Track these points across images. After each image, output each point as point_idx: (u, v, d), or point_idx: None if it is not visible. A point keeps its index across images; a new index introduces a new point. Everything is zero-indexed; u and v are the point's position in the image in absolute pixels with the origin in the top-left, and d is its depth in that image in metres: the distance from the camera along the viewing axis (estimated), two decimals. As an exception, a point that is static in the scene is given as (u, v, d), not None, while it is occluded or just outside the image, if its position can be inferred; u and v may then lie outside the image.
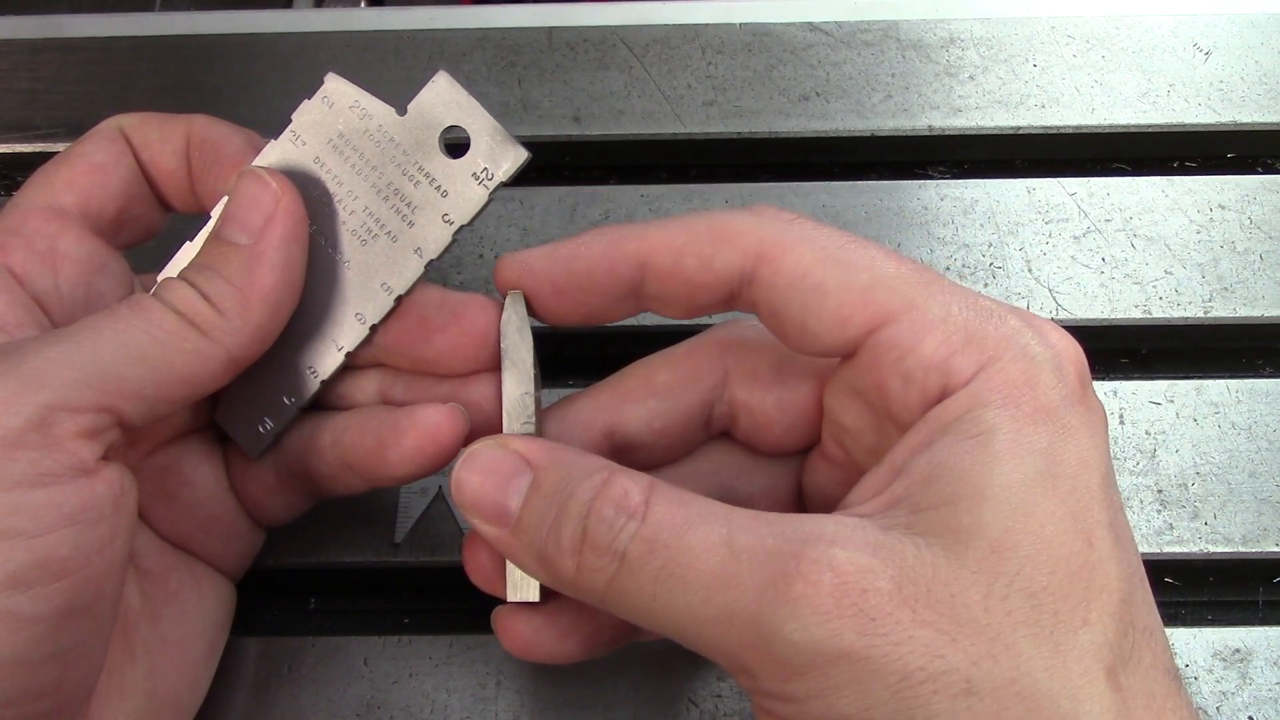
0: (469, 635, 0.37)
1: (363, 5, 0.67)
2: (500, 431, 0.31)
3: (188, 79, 0.47)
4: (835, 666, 0.25)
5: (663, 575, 0.26)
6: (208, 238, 0.32)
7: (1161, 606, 0.28)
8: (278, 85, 0.47)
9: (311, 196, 0.32)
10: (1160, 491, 0.39)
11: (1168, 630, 0.28)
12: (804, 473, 0.34)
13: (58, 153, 0.34)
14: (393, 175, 0.32)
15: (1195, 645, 0.37)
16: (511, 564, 0.31)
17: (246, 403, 0.34)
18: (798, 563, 0.25)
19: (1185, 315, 0.42)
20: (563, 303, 0.31)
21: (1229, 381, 0.41)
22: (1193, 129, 0.46)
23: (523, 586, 0.31)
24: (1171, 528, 0.38)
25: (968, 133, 0.46)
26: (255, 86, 0.47)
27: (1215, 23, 0.48)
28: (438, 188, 0.32)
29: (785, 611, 0.25)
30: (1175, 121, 0.46)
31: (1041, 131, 0.46)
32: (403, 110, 0.32)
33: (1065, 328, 0.29)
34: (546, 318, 0.32)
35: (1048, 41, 0.48)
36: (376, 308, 0.33)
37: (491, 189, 0.32)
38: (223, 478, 0.35)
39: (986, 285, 0.43)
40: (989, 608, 0.25)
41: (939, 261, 0.43)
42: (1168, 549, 0.38)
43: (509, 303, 0.32)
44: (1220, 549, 0.38)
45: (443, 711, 0.36)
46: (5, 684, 0.26)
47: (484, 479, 0.29)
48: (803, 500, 0.34)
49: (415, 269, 0.33)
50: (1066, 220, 0.44)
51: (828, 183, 0.45)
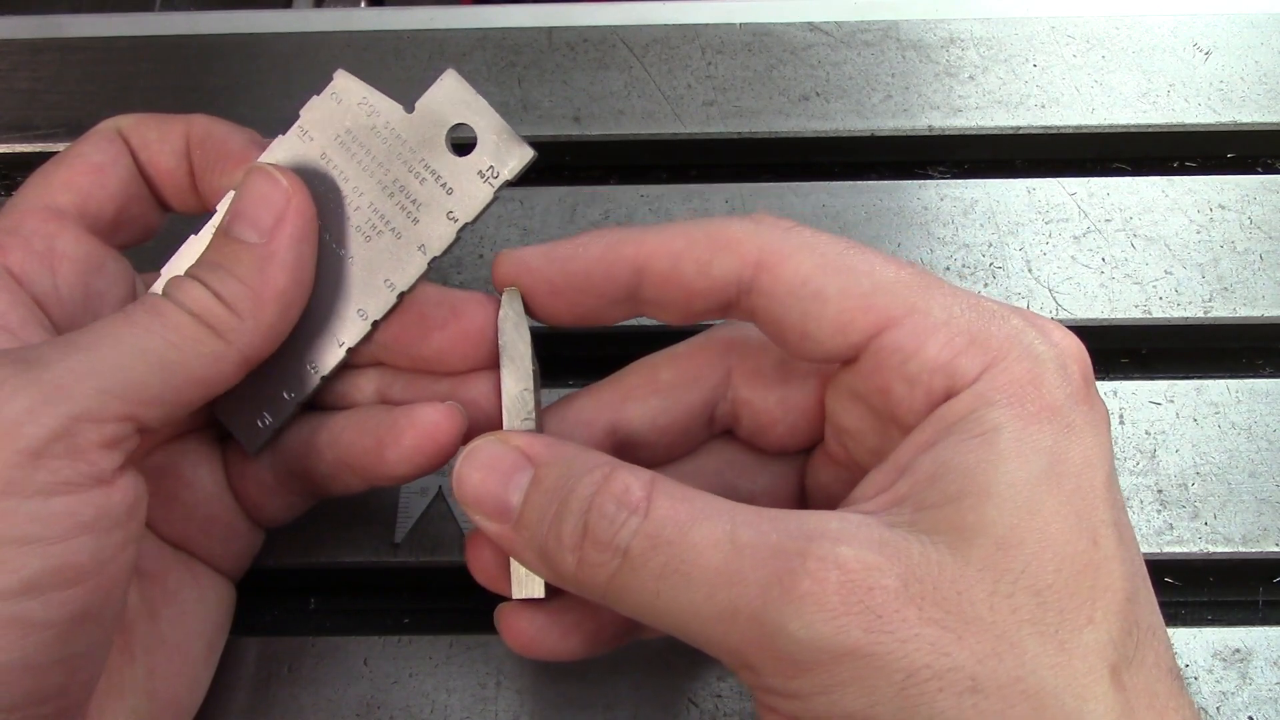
0: (469, 635, 0.37)
1: (363, 5, 0.67)
2: (500, 429, 0.31)
3: (188, 79, 0.47)
4: (840, 663, 0.25)
5: (666, 571, 0.26)
6: (216, 234, 0.31)
7: (1162, 606, 0.28)
8: (278, 85, 0.47)
9: (318, 193, 0.32)
10: (1160, 491, 0.39)
11: (1169, 630, 0.28)
12: (807, 471, 0.34)
13: (57, 153, 0.34)
14: (399, 172, 0.32)
15: (1195, 645, 0.37)
16: (515, 561, 0.31)
17: (246, 398, 0.33)
18: (803, 560, 0.25)
19: (1185, 315, 0.42)
20: (558, 302, 0.31)
21: (1229, 381, 0.41)
22: (1193, 129, 0.46)
23: (527, 583, 0.31)
24: (1171, 528, 0.38)
25: (968, 133, 0.46)
26: (255, 86, 0.47)
27: (1215, 23, 0.48)
28: (443, 185, 0.32)
29: (791, 609, 0.25)
30: (1175, 121, 0.46)
31: (1041, 131, 0.46)
32: (410, 108, 0.32)
33: (1066, 327, 0.29)
34: (542, 316, 0.32)
35: (1048, 41, 0.48)
36: (379, 304, 0.33)
37: (497, 187, 0.32)
38: (221, 478, 0.35)
39: (986, 285, 0.43)
40: (994, 605, 0.25)
41: (939, 261, 0.43)
42: (1168, 549, 0.38)
43: (506, 299, 0.32)
44: (1220, 549, 0.38)
45: (443, 711, 0.36)
46: (12, 688, 0.26)
47: (485, 475, 0.29)
48: (805, 499, 0.34)
49: (419, 266, 0.33)
50: (1066, 220, 0.44)
51: (828, 183, 0.45)
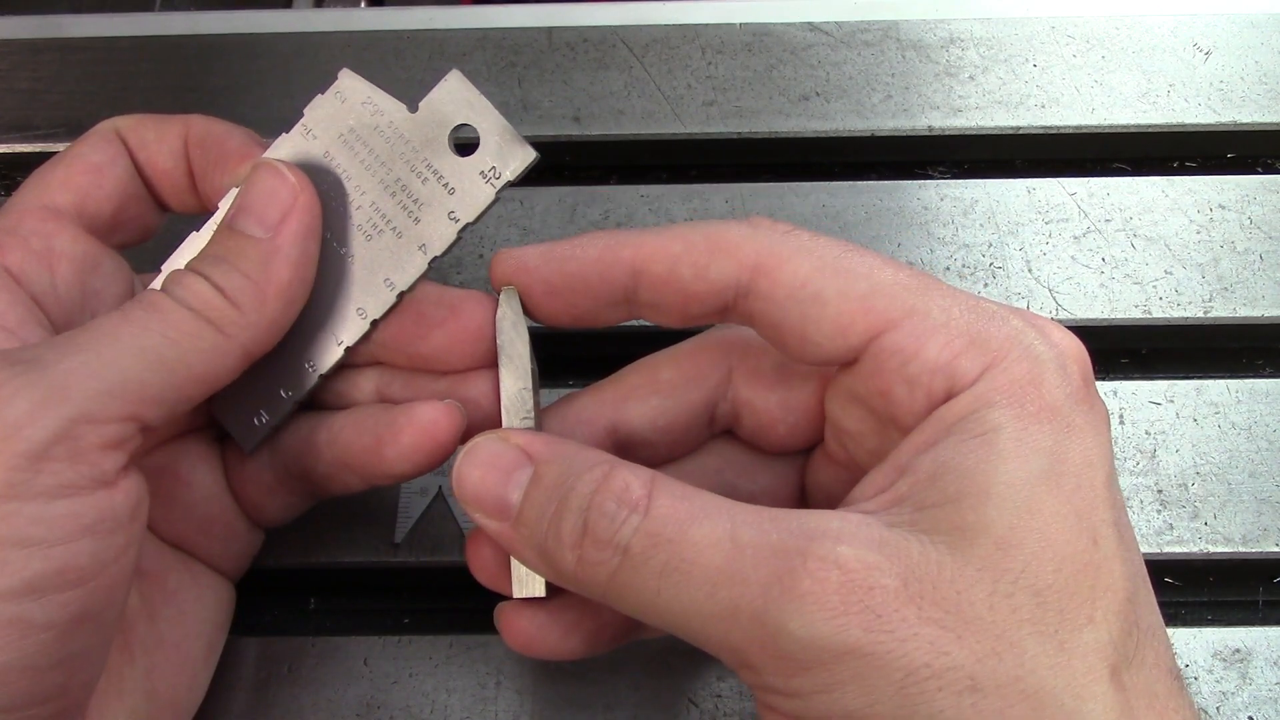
0: (469, 635, 0.37)
1: (363, 5, 0.67)
2: (499, 428, 0.31)
3: (188, 79, 0.47)
4: (841, 662, 0.25)
5: (666, 570, 0.26)
6: (220, 228, 0.31)
7: (1162, 606, 0.28)
8: (278, 85, 0.47)
9: (321, 190, 0.32)
10: (1160, 491, 0.39)
11: (1168, 630, 0.28)
12: (807, 471, 0.34)
13: (57, 153, 0.34)
14: (401, 171, 0.32)
15: (1195, 645, 0.37)
16: (516, 560, 0.31)
17: (243, 395, 0.33)
18: (804, 559, 0.25)
19: (1185, 315, 0.42)
20: (555, 303, 0.31)
21: (1229, 381, 0.41)
22: (1193, 129, 0.46)
23: (528, 582, 0.31)
24: (1171, 528, 0.38)
25: (968, 133, 0.46)
26: (255, 86, 0.47)
27: (1215, 23, 0.48)
28: (445, 185, 0.32)
29: (791, 608, 0.25)
30: (1175, 121, 0.46)
31: (1041, 131, 0.46)
32: (414, 107, 0.32)
33: (1066, 328, 0.29)
34: (539, 317, 0.32)
35: (1048, 41, 0.48)
36: (378, 303, 0.33)
37: (499, 188, 0.32)
38: (220, 478, 0.35)
39: (986, 285, 0.43)
40: (994, 605, 0.25)
41: (939, 262, 0.43)
42: (1168, 549, 0.38)
43: (503, 299, 0.32)
44: (1220, 549, 0.38)
45: (443, 711, 0.36)
46: (12, 689, 0.26)
47: (485, 473, 0.29)
48: (806, 498, 0.34)
49: (419, 265, 0.33)
50: (1066, 220, 0.44)
51: (827, 183, 0.45)
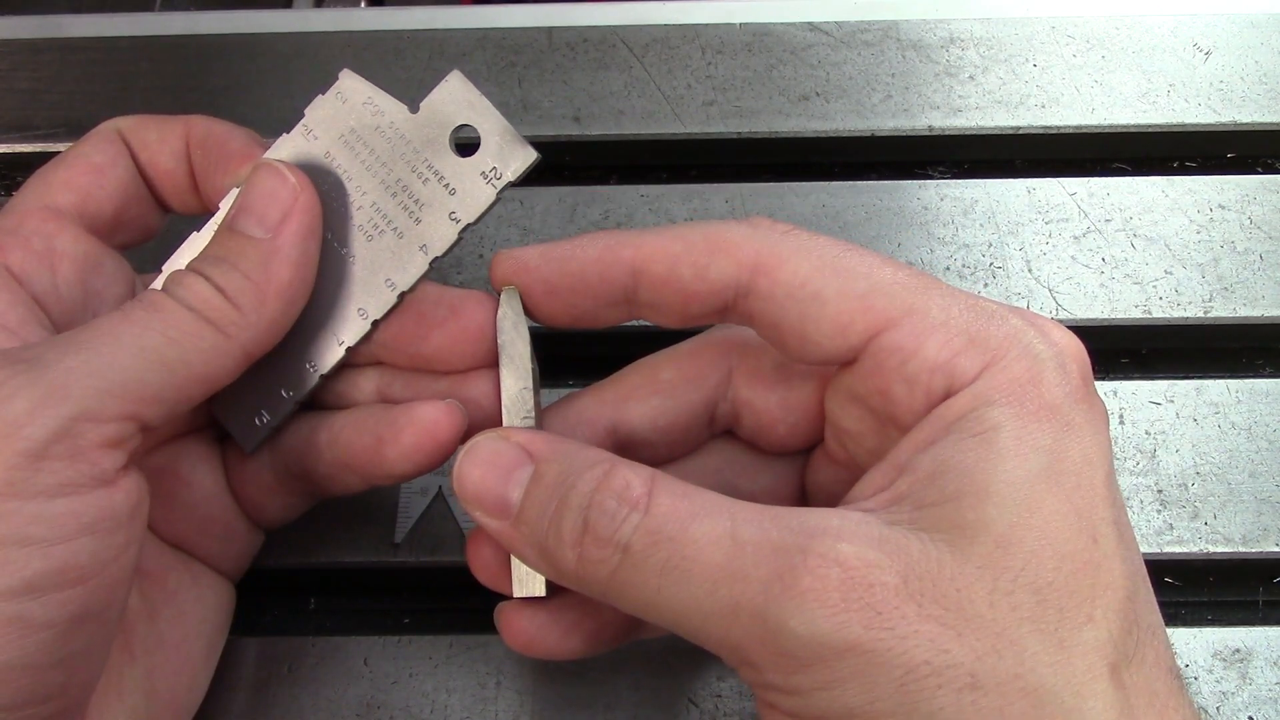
0: (469, 635, 0.37)
1: (363, 5, 0.67)
2: (500, 427, 0.31)
3: (188, 79, 0.47)
4: (841, 660, 0.25)
5: (666, 567, 0.26)
6: (221, 229, 0.31)
7: (1161, 606, 0.28)
8: (278, 85, 0.47)
9: (322, 190, 0.32)
10: (1160, 491, 0.39)
11: (1168, 630, 0.28)
12: (807, 471, 0.34)
13: (58, 153, 0.34)
14: (402, 172, 0.32)
15: (1195, 645, 0.37)
16: (516, 559, 0.31)
17: (243, 395, 0.33)
18: (804, 556, 0.25)
19: (1185, 315, 0.42)
20: (554, 303, 0.31)
21: (1229, 381, 0.41)
22: (1193, 129, 0.46)
23: (529, 582, 0.31)
24: (1171, 528, 0.38)
25: (968, 133, 0.46)
26: (255, 86, 0.47)
27: (1215, 23, 0.48)
28: (446, 186, 0.32)
29: (791, 605, 0.25)
30: (1175, 121, 0.46)
31: (1041, 131, 0.46)
32: (415, 108, 0.32)
33: (1065, 327, 0.29)
34: (539, 317, 0.32)
35: (1048, 41, 0.48)
36: (379, 303, 0.33)
37: (500, 188, 0.32)
38: (221, 478, 0.35)
39: (986, 285, 0.43)
40: (994, 603, 0.25)
41: (939, 261, 0.43)
42: (1168, 549, 0.38)
43: (504, 299, 0.32)
44: (1220, 549, 0.38)
45: (443, 711, 0.36)
46: (12, 688, 0.26)
47: (485, 471, 0.29)
48: (806, 498, 0.34)
49: (420, 266, 0.33)
50: (1066, 220, 0.44)
51: (827, 183, 0.45)
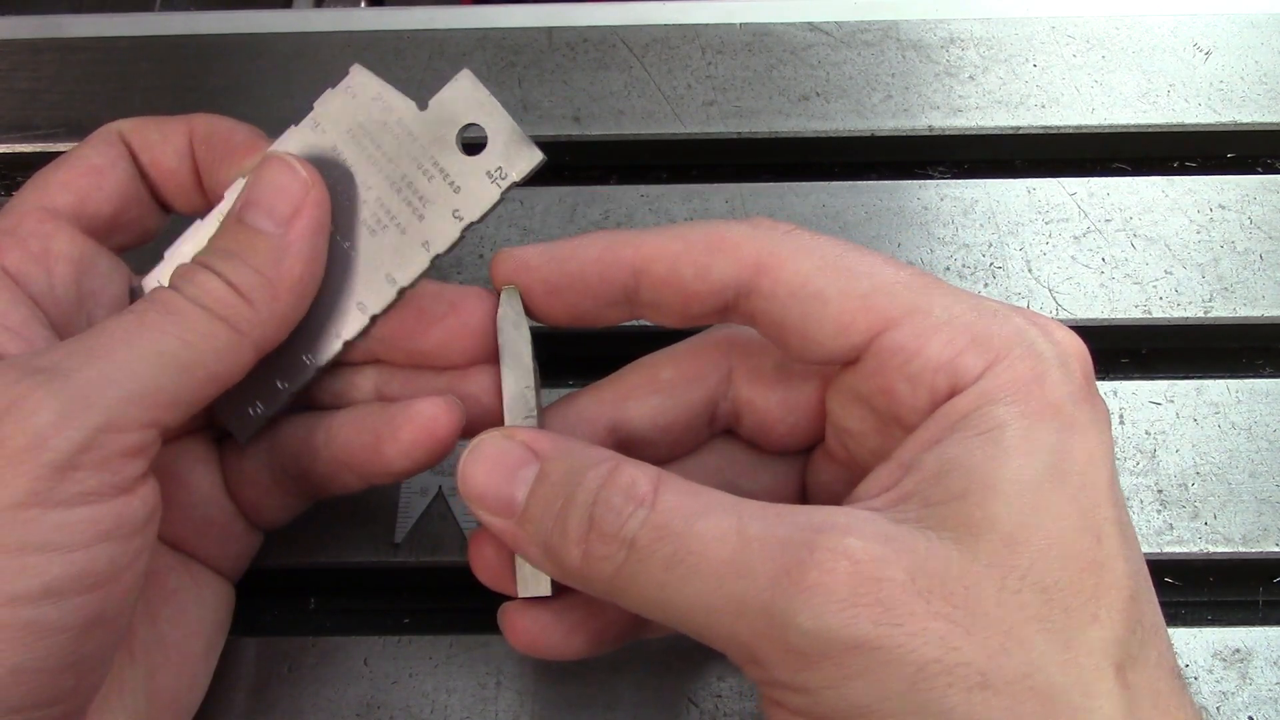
0: (469, 635, 0.37)
1: (363, 5, 0.67)
2: (500, 424, 0.31)
3: (188, 79, 0.47)
4: (850, 656, 0.24)
5: (673, 562, 0.26)
6: (229, 221, 0.31)
7: (1162, 606, 0.28)
8: (278, 85, 0.47)
9: (328, 184, 0.32)
10: (1160, 491, 0.39)
11: (1169, 630, 0.28)
12: (808, 470, 0.34)
13: (58, 153, 0.34)
14: (408, 168, 0.32)
15: (1195, 645, 0.37)
16: (521, 559, 0.31)
17: (239, 387, 0.33)
18: (812, 551, 0.25)
19: (1185, 315, 0.42)
20: (555, 302, 0.31)
21: (1229, 381, 0.41)
22: (1193, 129, 0.46)
23: (533, 581, 0.31)
24: (1171, 528, 0.38)
25: (968, 133, 0.46)
26: (255, 86, 0.47)
27: (1215, 23, 0.48)
28: (451, 183, 0.32)
29: (799, 600, 0.25)
30: (1175, 121, 0.46)
31: (1041, 131, 0.46)
32: (424, 105, 0.32)
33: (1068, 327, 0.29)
34: (539, 316, 0.32)
35: (1048, 41, 0.48)
36: (379, 298, 0.33)
37: (504, 188, 0.32)
38: (218, 479, 0.35)
39: (986, 285, 0.43)
40: (1002, 601, 0.25)
41: (939, 261, 0.43)
42: (1168, 549, 0.38)
43: (504, 298, 0.32)
44: (1220, 549, 0.38)
45: (443, 711, 0.36)
46: (24, 690, 0.26)
47: (490, 470, 0.29)
48: (807, 497, 0.34)
49: (422, 262, 0.33)
50: (1066, 220, 0.44)
51: (827, 183, 0.45)
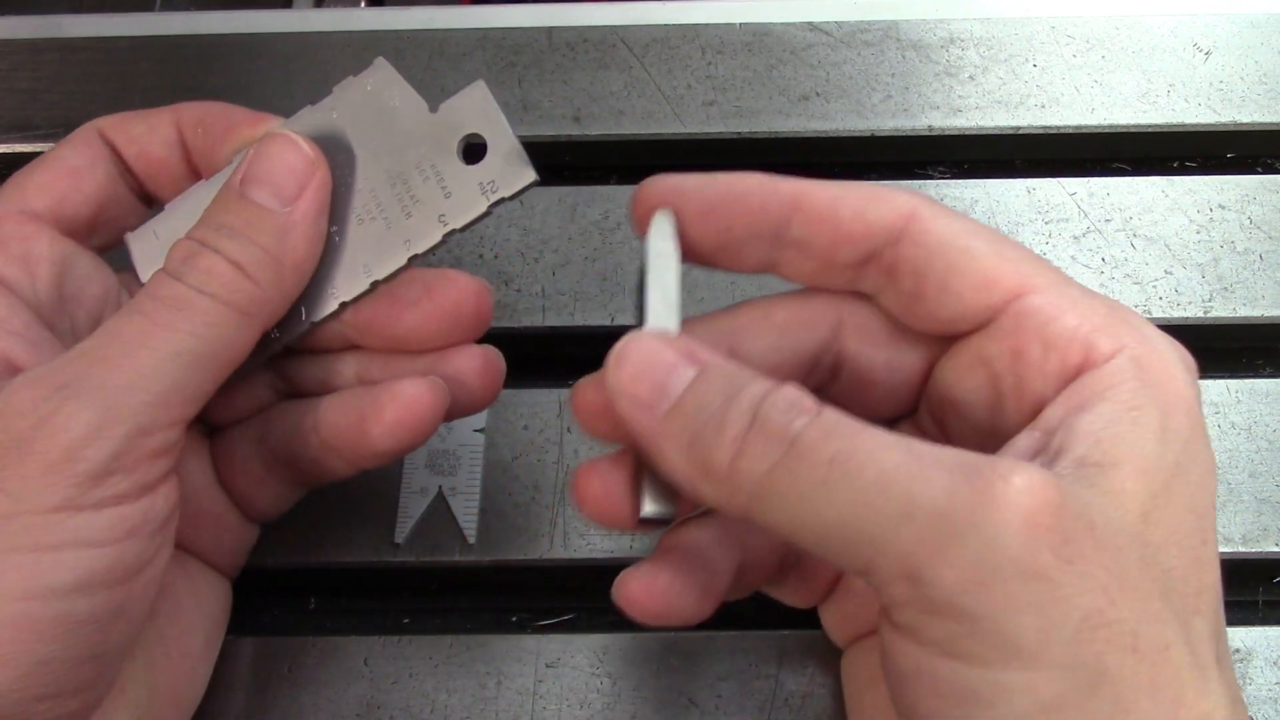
0: (469, 635, 0.37)
1: (363, 5, 0.67)
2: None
3: (188, 79, 0.47)
4: (1024, 584, 0.23)
5: (836, 461, 0.24)
6: (228, 194, 0.31)
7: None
8: (278, 85, 0.47)
9: (331, 166, 0.33)
10: (1160, 491, 0.39)
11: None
12: None
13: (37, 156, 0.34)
14: (406, 166, 0.33)
15: (1195, 645, 0.37)
16: (648, 480, 0.29)
17: None
18: (994, 467, 0.24)
19: (1185, 315, 0.42)
20: (708, 224, 0.30)
21: (1229, 381, 0.41)
22: (1193, 129, 0.46)
23: (661, 499, 0.29)
24: (1171, 528, 0.38)
25: (968, 133, 0.46)
26: (255, 86, 0.47)
27: (1215, 23, 0.48)
28: (444, 188, 0.33)
29: (981, 512, 0.23)
30: (1175, 121, 0.46)
31: (1041, 131, 0.46)
32: (434, 108, 0.33)
33: None
34: (688, 239, 0.30)
35: (1048, 41, 0.48)
36: (351, 287, 0.33)
37: (492, 201, 0.32)
38: (209, 471, 0.35)
39: (986, 285, 0.43)
40: (1144, 571, 0.24)
41: (939, 261, 0.43)
42: (1168, 549, 0.38)
43: (657, 220, 0.30)
44: (1220, 549, 0.38)
45: (443, 711, 0.36)
46: (52, 680, 0.27)
47: (647, 361, 0.27)
48: None
49: (399, 259, 0.33)
50: (1066, 220, 0.44)
51: (828, 183, 0.45)
